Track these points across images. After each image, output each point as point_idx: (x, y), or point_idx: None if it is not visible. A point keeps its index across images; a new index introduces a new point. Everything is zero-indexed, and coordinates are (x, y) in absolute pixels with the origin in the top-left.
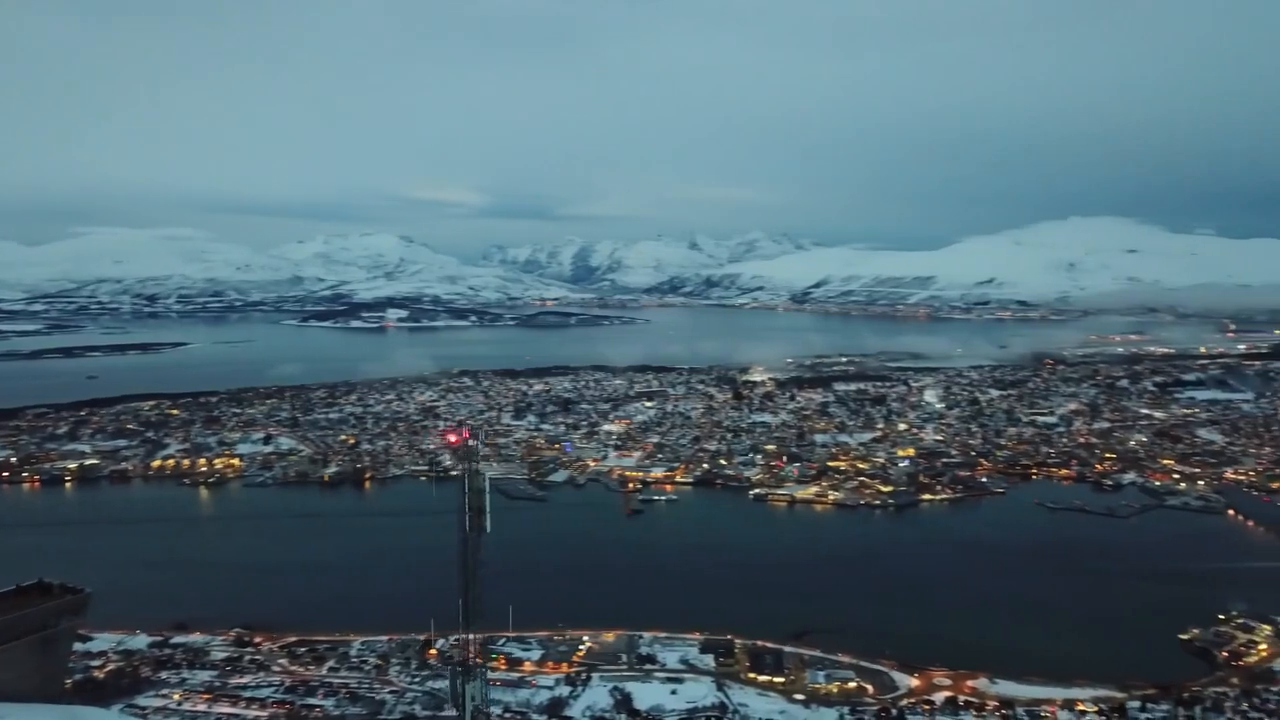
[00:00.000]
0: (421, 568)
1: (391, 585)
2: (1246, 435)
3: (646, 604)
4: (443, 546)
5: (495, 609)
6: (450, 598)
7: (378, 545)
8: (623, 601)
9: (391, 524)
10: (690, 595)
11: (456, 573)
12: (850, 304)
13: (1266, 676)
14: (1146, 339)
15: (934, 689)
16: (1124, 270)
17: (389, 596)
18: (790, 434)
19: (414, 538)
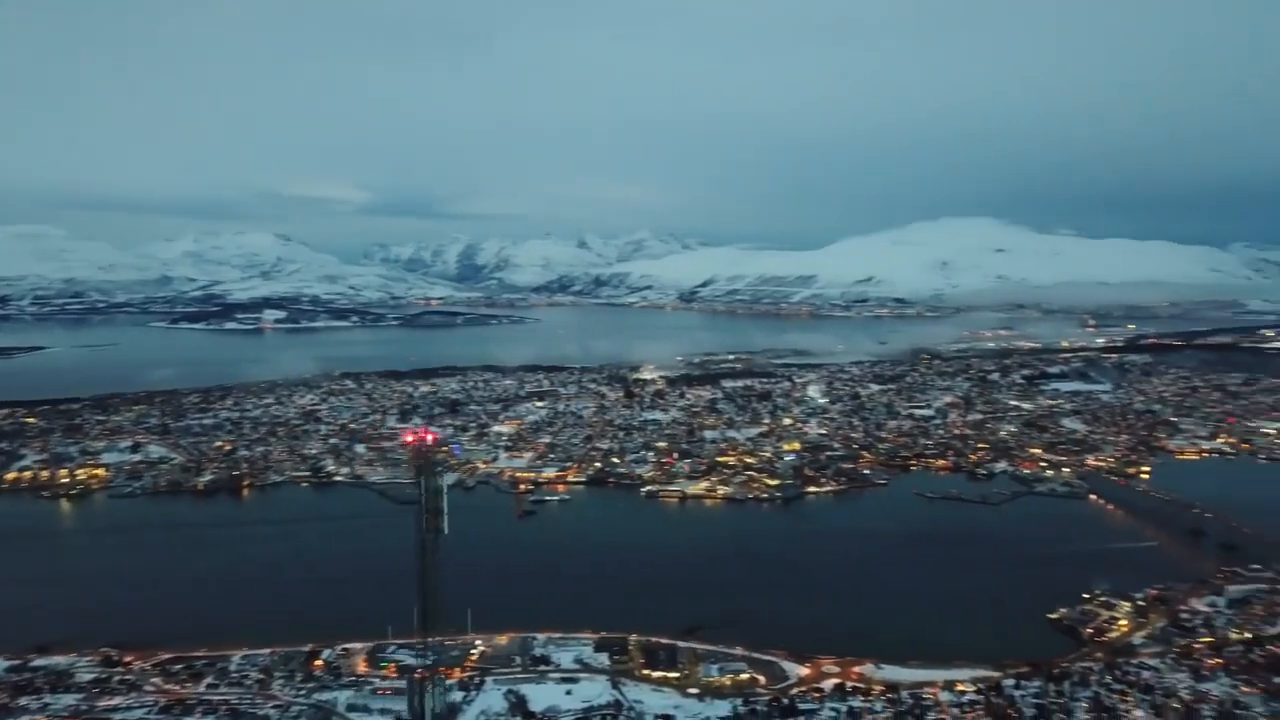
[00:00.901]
0: (306, 577)
1: (274, 596)
2: (1105, 424)
3: (540, 605)
4: (329, 553)
5: (386, 615)
6: (338, 606)
7: (258, 555)
8: (515, 603)
9: (272, 533)
10: (584, 595)
11: (415, 575)
12: (736, 303)
13: (1127, 650)
14: (1015, 334)
15: (823, 676)
16: (993, 269)
17: (271, 607)
18: (681, 431)
19: (297, 545)
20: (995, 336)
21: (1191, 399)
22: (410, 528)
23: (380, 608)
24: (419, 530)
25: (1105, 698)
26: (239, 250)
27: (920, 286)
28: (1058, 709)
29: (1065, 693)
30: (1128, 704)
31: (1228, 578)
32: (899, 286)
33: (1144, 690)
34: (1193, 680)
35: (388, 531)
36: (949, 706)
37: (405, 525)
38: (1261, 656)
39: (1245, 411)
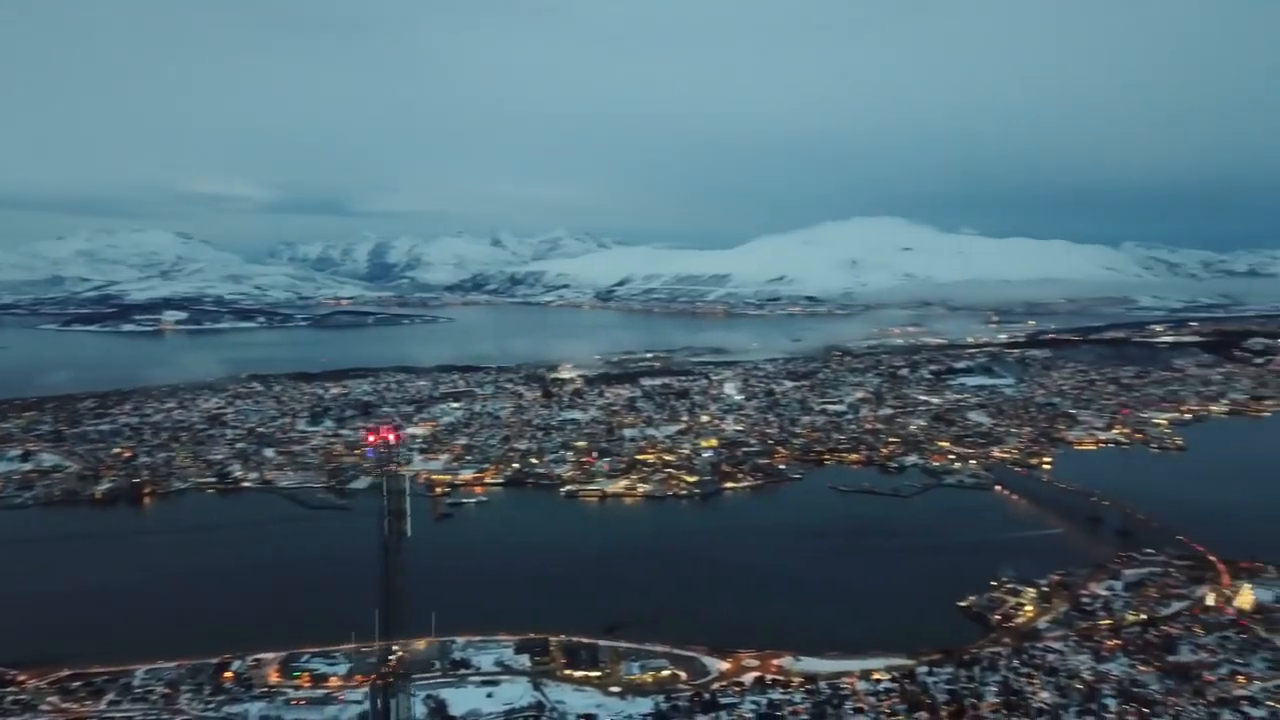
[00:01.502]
0: (213, 587)
1: (180, 607)
2: (1009, 417)
3: (458, 608)
4: (238, 562)
5: (299, 622)
6: (249, 616)
7: (162, 565)
8: (433, 607)
9: (177, 542)
10: (504, 596)
11: (377, 579)
12: (653, 301)
13: (1033, 635)
14: (922, 331)
15: (743, 670)
16: (901, 267)
17: (177, 620)
18: (600, 430)
19: (204, 554)
20: (904, 333)
21: (1088, 392)
22: (324, 532)
23: (293, 615)
24: (381, 533)
25: (1013, 681)
26: (136, 249)
27: (831, 285)
28: (969, 693)
29: (976, 677)
30: (1034, 686)
31: (1124, 562)
32: (810, 285)
33: (1049, 672)
34: (1094, 661)
35: (300, 537)
36: (865, 695)
37: (318, 530)
38: (1156, 636)
39: (1138, 403)
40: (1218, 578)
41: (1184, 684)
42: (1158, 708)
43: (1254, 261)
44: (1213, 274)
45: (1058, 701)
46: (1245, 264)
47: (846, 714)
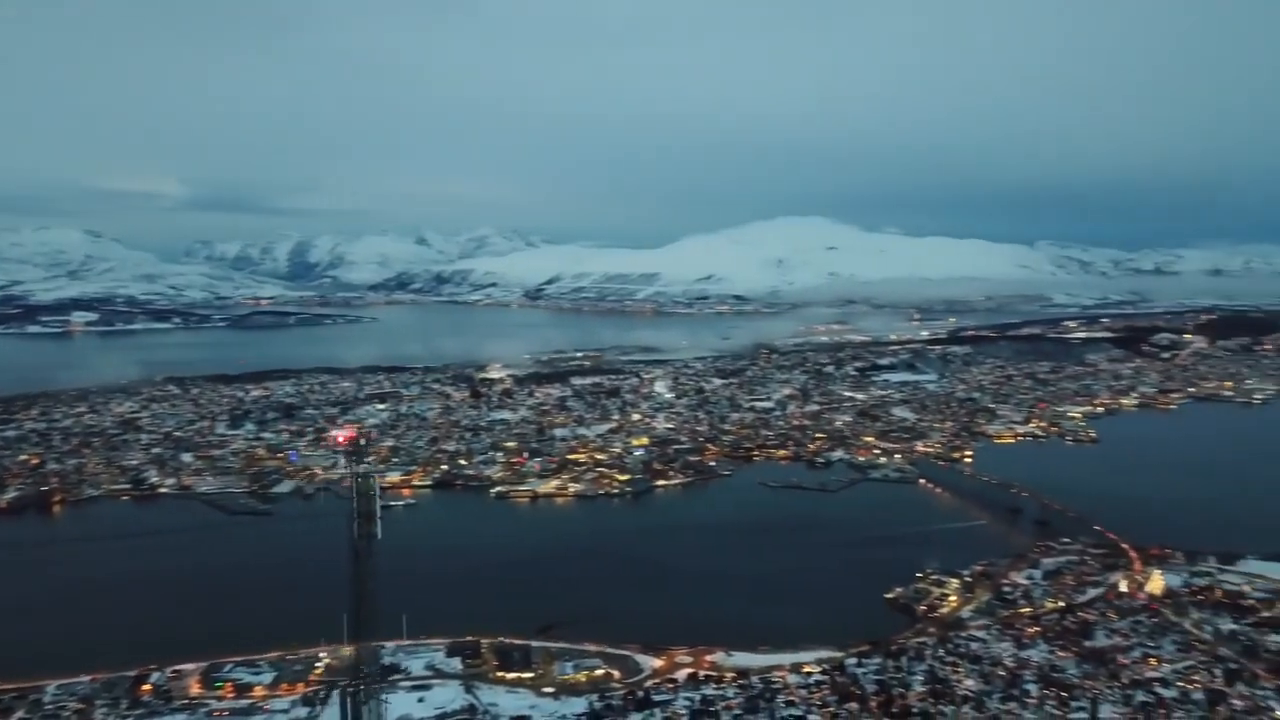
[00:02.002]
0: (129, 597)
1: (93, 619)
2: (932, 412)
3: (387, 612)
4: (155, 571)
5: (222, 631)
6: (167, 626)
7: (73, 576)
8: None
9: (89, 551)
10: (434, 599)
11: (347, 582)
12: (582, 300)
13: (957, 624)
14: (847, 328)
15: (677, 667)
16: (826, 266)
17: (91, 632)
18: (530, 430)
19: (117, 564)
20: (829, 331)
21: (1007, 386)
22: (247, 538)
23: (215, 624)
24: (350, 535)
25: (939, 670)
26: (42, 247)
27: (758, 284)
28: (897, 683)
29: (903, 667)
30: (959, 674)
31: (1043, 551)
32: (738, 284)
33: (973, 661)
34: (1015, 648)
35: (222, 544)
36: (797, 688)
37: (241, 536)
38: (1073, 622)
39: (1053, 397)
40: (1130, 564)
41: (1100, 668)
42: (1076, 691)
43: (1160, 260)
44: (1122, 272)
45: (982, 689)
46: (1152, 262)
47: (779, 707)
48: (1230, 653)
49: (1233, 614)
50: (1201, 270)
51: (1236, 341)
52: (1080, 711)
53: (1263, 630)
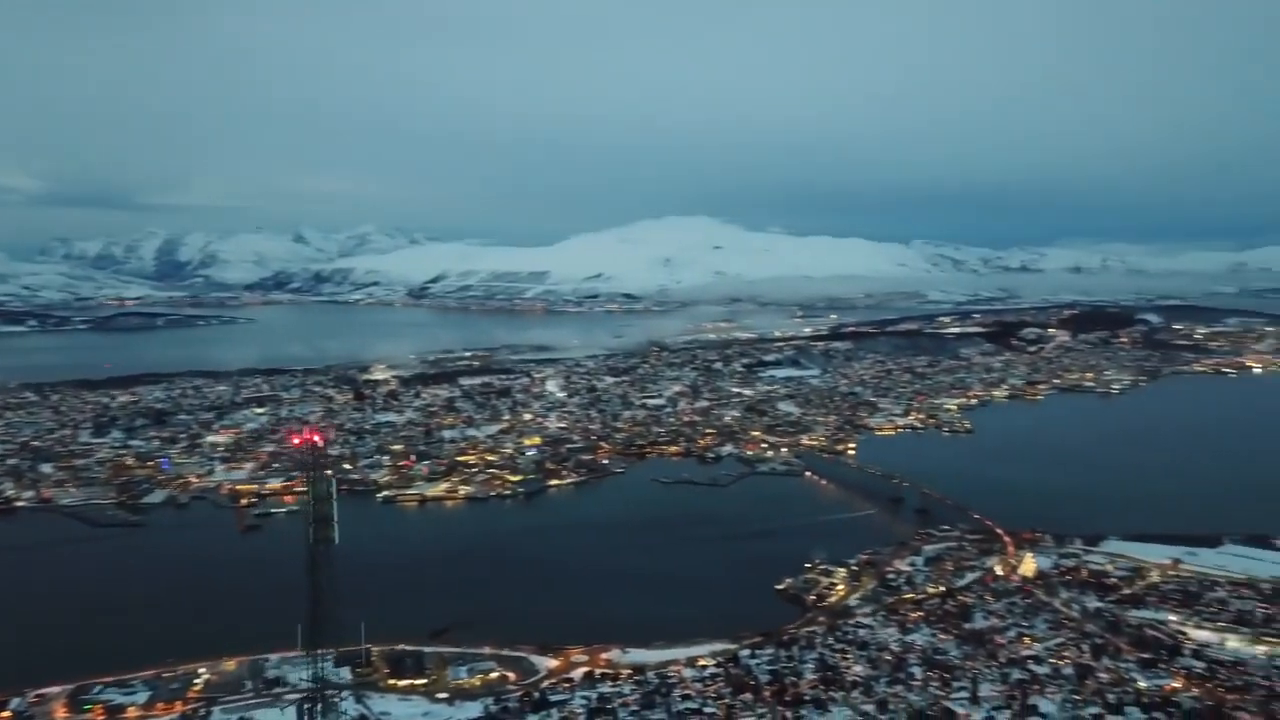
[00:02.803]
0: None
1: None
2: (816, 406)
3: (271, 624)
4: (11, 589)
5: (93, 650)
6: (28, 648)
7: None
8: (243, 624)
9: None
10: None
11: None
12: (469, 299)
13: (845, 612)
14: (734, 326)
15: (572, 666)
16: (712, 265)
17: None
18: (417, 432)
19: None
20: (717, 329)
21: (887, 380)
22: (115, 552)
23: (82, 644)
24: (307, 541)
25: (829, 657)
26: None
27: (647, 282)
28: (789, 672)
29: (795, 656)
30: (848, 661)
31: (923, 539)
32: (628, 282)
33: (861, 647)
34: (900, 633)
35: (87, 559)
36: (692, 682)
37: (108, 550)
38: (953, 606)
39: (930, 390)
40: (1004, 549)
41: (979, 648)
42: (957, 672)
43: (1026, 258)
44: (991, 269)
45: (870, 674)
46: (1019, 260)
47: (674, 702)
48: (1096, 628)
49: (1097, 592)
50: (1063, 268)
51: (1096, 335)
52: (962, 691)
53: (1124, 606)
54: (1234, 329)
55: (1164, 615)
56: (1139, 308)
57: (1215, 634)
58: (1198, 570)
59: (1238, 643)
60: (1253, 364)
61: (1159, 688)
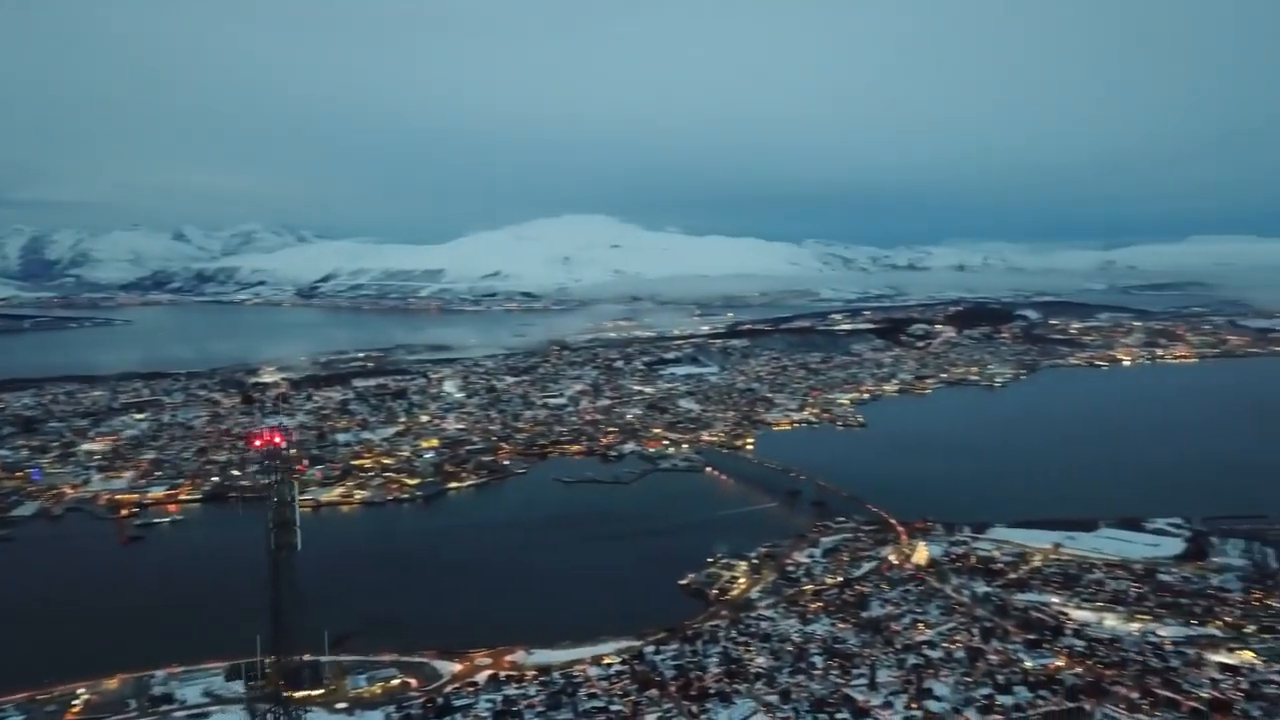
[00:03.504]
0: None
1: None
2: (715, 402)
3: (157, 638)
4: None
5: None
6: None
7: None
8: (126, 640)
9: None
10: (210, 620)
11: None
12: (361, 298)
13: (747, 606)
14: (634, 324)
15: (476, 670)
16: (611, 263)
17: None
18: (310, 435)
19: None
20: (617, 327)
21: (782, 377)
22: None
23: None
24: (269, 547)
25: (732, 650)
26: None
27: (546, 281)
28: (694, 667)
29: (699, 651)
30: (751, 653)
31: (821, 531)
32: (526, 281)
33: (763, 639)
34: (801, 624)
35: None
36: (598, 681)
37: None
38: (851, 596)
39: (824, 385)
40: (898, 538)
41: (876, 636)
42: (856, 659)
43: (912, 256)
44: (880, 268)
45: (772, 665)
46: (906, 259)
47: (581, 701)
48: (985, 613)
49: (986, 577)
50: (948, 266)
51: (979, 330)
52: (861, 678)
53: (1010, 590)
54: (1105, 324)
55: (1047, 597)
56: (1018, 304)
57: (1094, 614)
58: (1076, 553)
59: (1114, 621)
60: (1123, 357)
61: (1044, 667)
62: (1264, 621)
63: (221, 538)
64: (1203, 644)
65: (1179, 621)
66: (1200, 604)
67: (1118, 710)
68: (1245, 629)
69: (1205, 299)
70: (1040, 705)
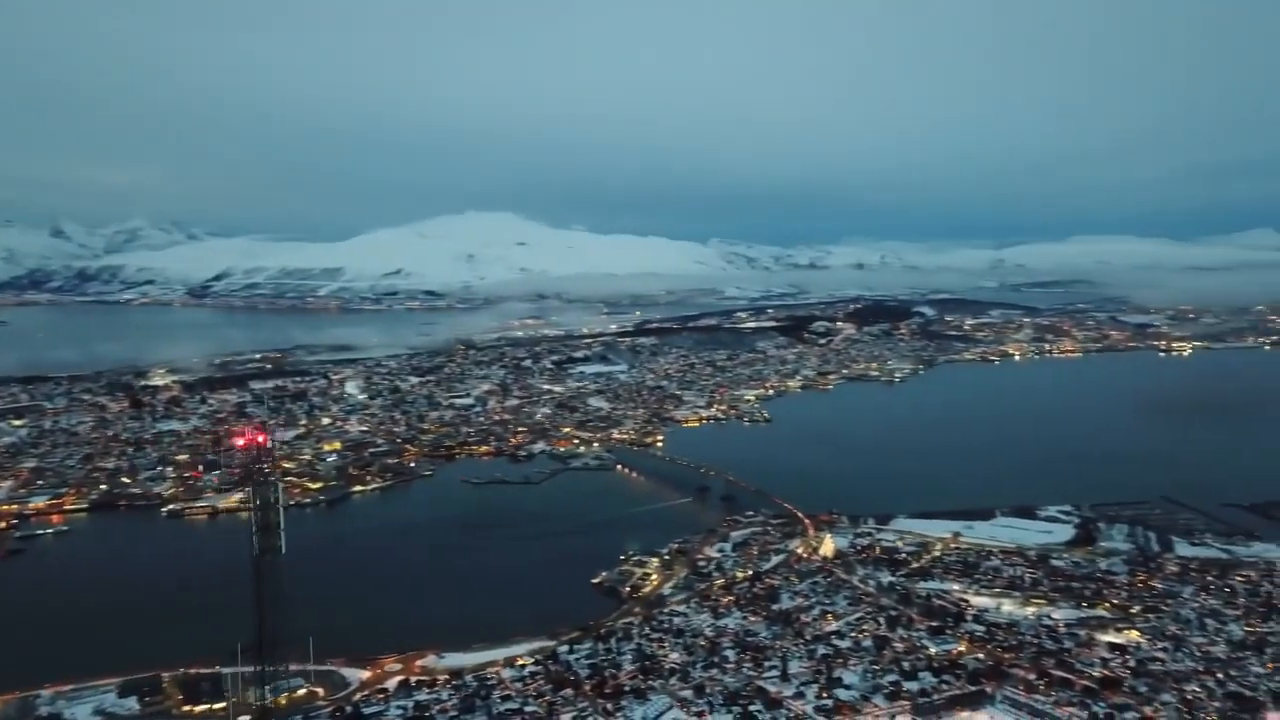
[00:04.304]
0: None
1: None
2: (625, 400)
3: (42, 656)
4: None
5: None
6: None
7: None
8: (7, 659)
9: None
10: (102, 635)
11: None
12: (257, 297)
13: (660, 602)
14: (542, 323)
15: (386, 676)
16: (516, 261)
17: None
18: (205, 440)
19: None
20: (524, 326)
21: (690, 374)
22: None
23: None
24: (253, 550)
25: (646, 647)
26: None
27: (450, 279)
28: (608, 665)
29: (613, 649)
30: (664, 649)
31: (730, 525)
32: (429, 279)
33: (676, 634)
34: (713, 618)
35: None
36: (512, 682)
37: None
38: (761, 589)
39: (731, 382)
40: (805, 531)
41: (787, 628)
42: (768, 652)
43: (813, 255)
44: (782, 267)
45: (686, 660)
46: (807, 258)
47: (495, 703)
48: (890, 601)
49: (890, 567)
50: (848, 265)
51: (878, 327)
52: (773, 670)
53: (914, 579)
54: (997, 320)
55: (948, 585)
56: (915, 301)
57: (992, 599)
58: (975, 542)
59: (1011, 606)
60: (1014, 351)
61: (947, 652)
62: (1148, 602)
63: (111, 548)
64: (1093, 625)
65: (1071, 604)
66: (1090, 587)
67: (1016, 692)
68: (1131, 610)
69: (1089, 296)
70: (944, 689)
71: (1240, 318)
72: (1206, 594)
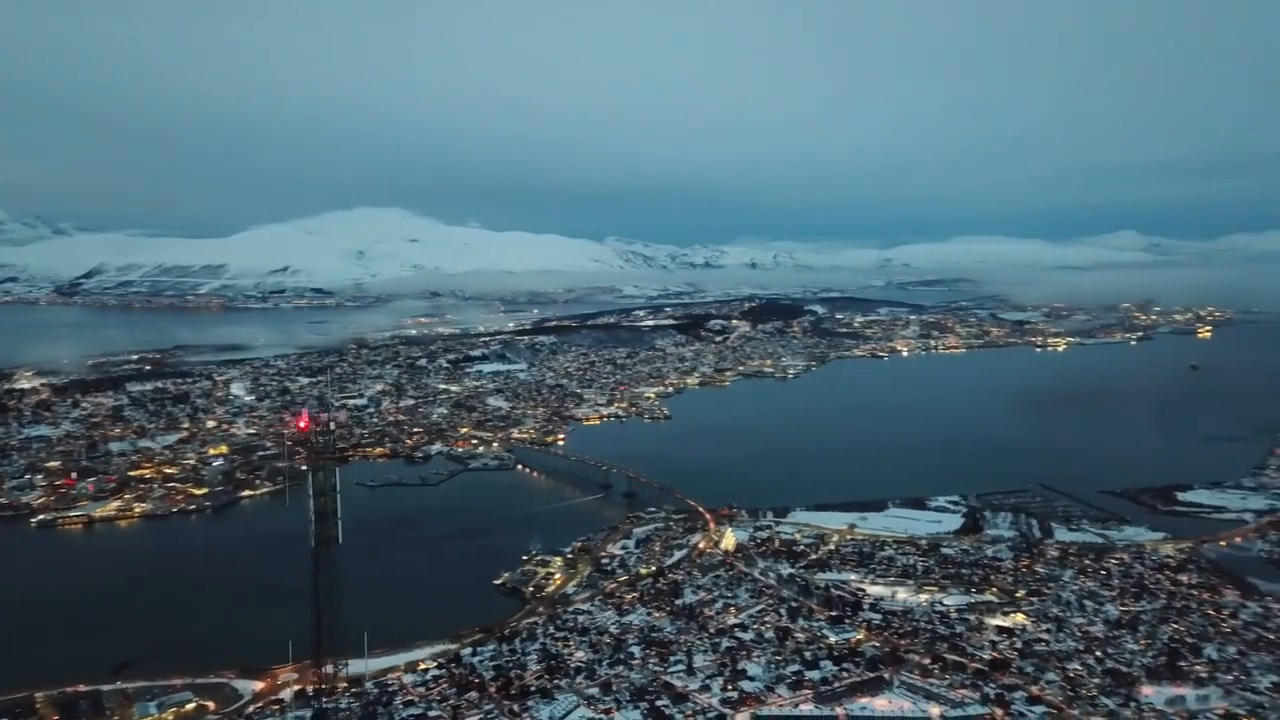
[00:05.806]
0: None
1: None
2: (525, 399)
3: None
4: None
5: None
6: None
7: None
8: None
9: None
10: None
11: None
12: (132, 295)
13: (564, 600)
14: (437, 321)
15: (282, 686)
16: (409, 258)
17: None
18: (78, 445)
19: None
20: (419, 324)
21: (590, 372)
22: None
23: None
24: (310, 542)
25: (551, 646)
26: None
27: (339, 276)
28: (513, 665)
29: (518, 649)
30: (570, 647)
31: (633, 522)
32: (317, 276)
33: (581, 632)
34: (618, 615)
35: None
36: (414, 687)
37: None
38: (665, 585)
39: (631, 380)
40: (706, 526)
41: (691, 623)
42: (673, 647)
43: (708, 254)
44: (679, 265)
45: (591, 658)
46: (702, 257)
47: (397, 709)
48: (791, 593)
49: (789, 560)
50: (742, 264)
51: (772, 325)
52: (679, 665)
53: (813, 570)
54: (885, 318)
55: (846, 575)
56: (807, 300)
57: (887, 588)
58: (869, 533)
59: (905, 594)
60: (901, 348)
61: (846, 640)
62: (1032, 586)
63: None
64: (982, 610)
65: (961, 591)
66: (978, 573)
67: (913, 676)
68: (1017, 594)
69: (970, 294)
70: (845, 677)
71: (1109, 315)
72: (1085, 577)
